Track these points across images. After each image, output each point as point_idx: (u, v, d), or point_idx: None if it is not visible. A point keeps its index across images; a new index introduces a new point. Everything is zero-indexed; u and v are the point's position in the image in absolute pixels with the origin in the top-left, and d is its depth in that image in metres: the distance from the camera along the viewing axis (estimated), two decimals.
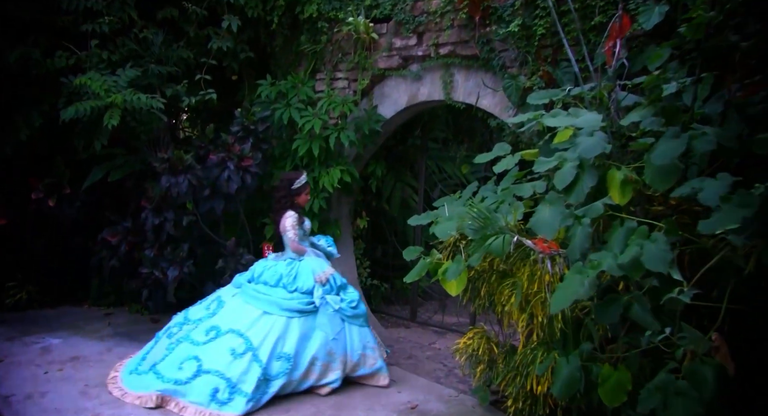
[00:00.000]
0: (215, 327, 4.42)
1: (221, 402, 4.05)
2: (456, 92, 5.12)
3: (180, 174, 5.18)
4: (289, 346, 4.33)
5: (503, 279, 3.56)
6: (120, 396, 4.28)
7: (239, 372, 4.14)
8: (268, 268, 4.67)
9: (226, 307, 4.58)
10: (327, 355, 4.43)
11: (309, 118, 5.53)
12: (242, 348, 4.23)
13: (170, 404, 4.12)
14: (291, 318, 4.41)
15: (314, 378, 4.40)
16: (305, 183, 4.81)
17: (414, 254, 4.17)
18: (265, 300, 4.47)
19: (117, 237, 5.57)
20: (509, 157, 3.98)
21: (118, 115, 4.85)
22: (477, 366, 3.95)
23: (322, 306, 4.50)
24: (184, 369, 4.22)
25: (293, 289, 4.52)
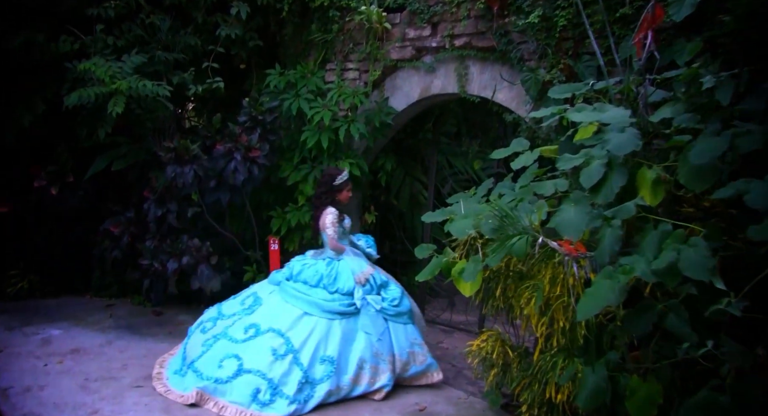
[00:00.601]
0: (255, 325, 4.29)
1: (262, 404, 3.92)
2: (471, 85, 4.92)
3: (186, 164, 4.99)
4: (332, 349, 4.18)
5: (521, 280, 3.37)
6: (163, 392, 4.17)
7: (281, 373, 4.01)
8: (307, 267, 4.52)
9: (265, 305, 4.44)
10: (374, 357, 4.26)
11: (318, 109, 5.34)
12: (283, 349, 4.11)
13: (209, 403, 3.99)
14: (332, 320, 4.27)
15: (366, 382, 4.22)
16: (347, 179, 4.66)
17: (426, 252, 4.00)
18: (305, 301, 4.33)
19: (119, 228, 5.40)
20: (528, 153, 3.79)
21: (122, 103, 4.67)
22: (490, 369, 3.77)
23: (364, 308, 4.34)
24: (224, 367, 4.09)
25: (334, 290, 4.37)
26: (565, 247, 2.70)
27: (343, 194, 4.65)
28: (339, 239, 4.59)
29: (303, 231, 5.69)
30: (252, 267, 5.84)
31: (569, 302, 2.94)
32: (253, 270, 5.83)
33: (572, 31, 4.19)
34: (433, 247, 3.95)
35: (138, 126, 5.38)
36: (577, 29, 4.15)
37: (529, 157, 3.75)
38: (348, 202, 4.76)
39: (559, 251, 2.73)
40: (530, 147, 3.79)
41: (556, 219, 2.90)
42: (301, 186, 5.55)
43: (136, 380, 4.38)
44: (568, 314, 2.96)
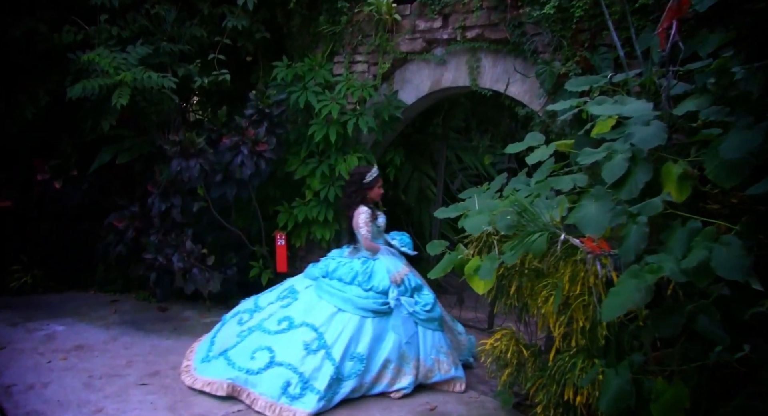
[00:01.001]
0: (288, 318, 4.27)
1: (292, 397, 3.87)
2: (482, 78, 4.80)
3: (191, 158, 4.89)
4: (363, 347, 4.12)
5: (538, 278, 3.26)
6: (190, 383, 4.13)
7: (312, 367, 3.96)
8: (342, 265, 4.45)
9: (300, 299, 4.41)
10: (400, 358, 4.18)
11: (326, 102, 5.23)
12: (316, 343, 4.07)
13: (242, 394, 3.96)
14: (365, 318, 4.20)
15: (386, 382, 4.15)
16: (377, 175, 4.57)
17: (438, 249, 3.89)
18: (339, 297, 4.28)
19: (124, 223, 5.30)
20: (543, 147, 3.68)
21: (127, 94, 4.56)
22: (504, 369, 3.67)
23: (396, 308, 4.25)
24: (256, 358, 4.07)
25: (368, 288, 4.29)
26: (588, 245, 2.59)
27: (374, 191, 4.56)
28: (374, 238, 4.52)
29: (310, 227, 5.59)
30: (258, 263, 5.74)
31: (590, 301, 2.84)
32: (260, 265, 5.73)
33: (589, 23, 4.07)
34: (445, 244, 3.85)
35: (142, 119, 5.28)
36: (593, 20, 4.03)
37: (544, 152, 3.64)
38: (379, 198, 4.66)
39: (581, 249, 2.61)
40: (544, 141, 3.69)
41: (577, 215, 2.79)
42: (309, 180, 5.45)
43: (140, 377, 4.28)
44: (588, 313, 2.86)
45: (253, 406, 3.88)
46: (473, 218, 3.47)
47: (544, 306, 3.14)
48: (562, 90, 4.21)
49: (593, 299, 2.78)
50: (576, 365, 2.93)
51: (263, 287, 5.77)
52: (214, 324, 5.34)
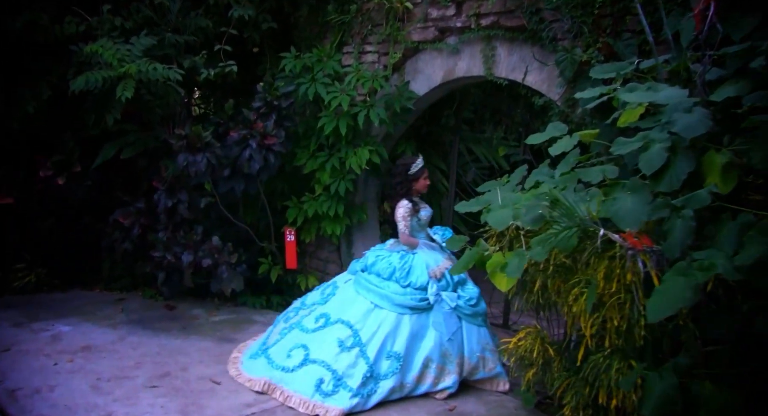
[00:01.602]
0: (325, 315, 4.19)
1: (325, 394, 3.79)
2: (498, 67, 4.61)
3: (198, 152, 4.71)
4: (399, 345, 3.97)
5: (567, 275, 3.09)
6: (234, 375, 4.15)
7: (345, 365, 3.87)
8: (381, 259, 4.29)
9: (338, 295, 4.32)
10: (442, 357, 4.02)
11: (336, 93, 5.04)
12: (350, 341, 3.97)
13: (276, 392, 3.92)
14: (402, 315, 4.05)
15: (430, 382, 4.00)
16: (422, 166, 4.40)
17: (458, 244, 3.74)
18: (376, 293, 4.13)
19: (129, 219, 5.12)
20: (566, 137, 3.51)
21: (132, 87, 4.37)
22: (528, 368, 3.50)
23: (437, 304, 4.10)
24: (292, 356, 4.03)
25: (406, 284, 4.13)
26: (630, 241, 2.41)
27: (420, 183, 4.41)
28: (415, 232, 4.38)
29: (320, 222, 5.41)
30: (267, 259, 5.57)
31: (626, 299, 2.67)
32: (268, 262, 5.57)
33: (611, 8, 3.87)
34: (465, 239, 3.69)
35: (147, 112, 5.09)
36: (616, 5, 3.83)
37: (568, 142, 3.48)
38: (426, 190, 4.51)
39: (622, 245, 2.44)
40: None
41: (611, 208, 2.63)
42: (318, 174, 5.27)
43: (150, 379, 4.12)
44: (624, 312, 2.69)
45: (286, 403, 3.82)
46: (497, 212, 3.30)
47: (575, 304, 2.97)
48: (583, 78, 4.03)
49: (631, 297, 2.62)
50: (611, 366, 2.76)
51: (272, 284, 5.64)
52: (223, 323, 5.23)
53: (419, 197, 4.50)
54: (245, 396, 3.95)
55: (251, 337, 4.92)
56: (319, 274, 5.77)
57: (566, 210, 2.59)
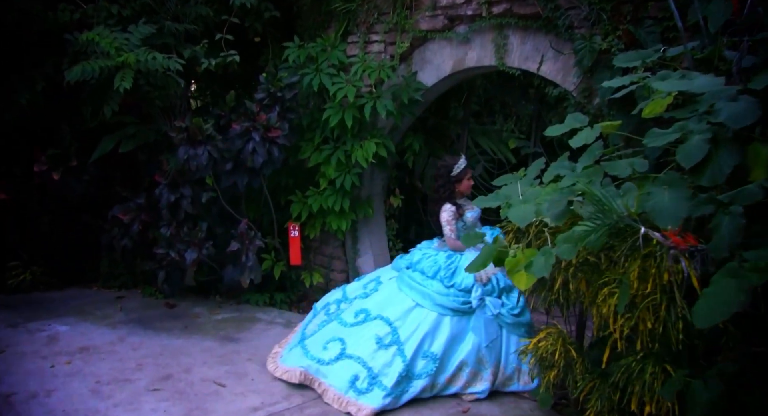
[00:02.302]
0: (365, 311, 4.08)
1: (359, 391, 3.70)
2: (510, 57, 4.41)
3: (199, 145, 4.50)
4: (437, 346, 3.84)
5: (594, 273, 2.91)
6: (272, 370, 4.08)
7: (382, 363, 3.76)
8: (426, 257, 4.15)
9: (381, 291, 4.19)
10: (477, 363, 3.87)
11: (342, 84, 4.83)
12: (388, 338, 3.86)
13: (314, 383, 3.86)
14: (443, 316, 3.92)
15: (460, 385, 3.86)
16: (465, 167, 4.22)
17: (475, 241, 3.55)
18: (418, 291, 4.00)
19: (129, 215, 4.91)
20: (587, 129, 3.32)
21: (130, 77, 4.15)
22: (549, 370, 3.32)
23: (480, 308, 3.93)
24: (328, 349, 3.94)
25: (450, 285, 3.97)
26: (672, 239, 2.23)
27: (464, 184, 4.23)
28: (463, 234, 4.15)
29: (325, 217, 5.22)
30: (270, 255, 5.37)
31: (661, 301, 2.48)
32: (272, 258, 5.37)
33: None
34: (482, 235, 3.49)
35: (147, 104, 4.87)
36: None
37: (589, 134, 3.28)
38: (470, 191, 4.32)
39: (663, 243, 2.25)
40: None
41: (647, 204, 2.44)
42: (323, 168, 5.07)
43: (152, 382, 3.93)
44: (660, 314, 2.50)
45: (323, 397, 3.76)
46: (518, 208, 3.10)
47: (603, 304, 2.79)
48: (601, 67, 3.86)
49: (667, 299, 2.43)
50: (645, 371, 2.58)
51: (275, 280, 5.44)
52: (226, 321, 5.03)
53: (465, 198, 4.31)
54: (251, 400, 3.77)
55: (256, 336, 4.75)
56: (324, 271, 5.58)
57: (601, 205, 2.39)
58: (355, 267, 5.43)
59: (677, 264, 2.24)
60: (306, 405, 3.75)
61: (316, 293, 5.60)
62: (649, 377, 2.56)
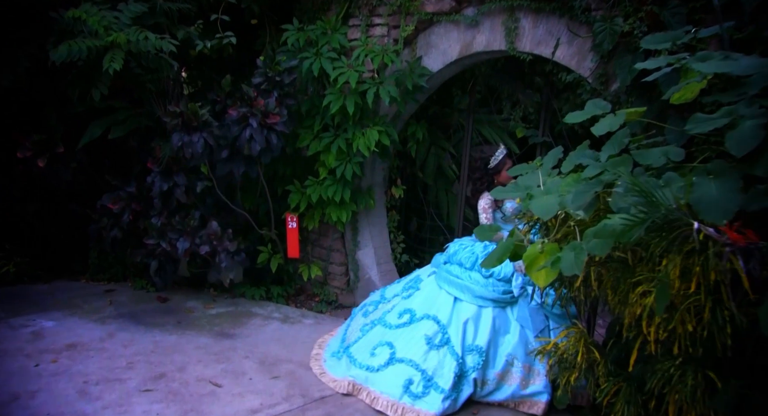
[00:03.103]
0: (410, 311, 3.88)
1: (415, 396, 3.46)
2: (521, 41, 4.14)
3: (194, 131, 4.20)
4: (481, 338, 3.63)
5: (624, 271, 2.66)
6: (318, 374, 3.88)
7: (435, 364, 3.56)
8: (463, 248, 3.95)
9: (422, 289, 4.00)
10: (527, 355, 3.60)
11: (343, 69, 4.54)
12: (438, 338, 3.66)
13: (362, 393, 3.62)
14: (483, 308, 3.71)
15: (516, 383, 3.57)
16: (504, 157, 4.00)
17: (489, 235, 3.29)
18: (456, 285, 3.81)
19: (119, 204, 4.60)
20: (610, 116, 3.07)
21: (121, 58, 3.83)
22: (569, 372, 3.08)
23: (523, 298, 3.72)
24: (377, 355, 3.73)
25: (488, 274, 3.76)
26: (729, 235, 1.97)
27: (503, 176, 3.99)
28: (503, 224, 3.96)
29: (324, 208, 4.94)
30: (267, 248, 5.09)
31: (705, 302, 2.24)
32: (268, 250, 5.09)
33: None
34: (498, 228, 3.25)
35: (138, 88, 4.54)
36: None
37: (613, 121, 3.03)
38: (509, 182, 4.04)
39: (718, 240, 2.00)
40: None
41: (693, 197, 2.19)
42: (323, 157, 4.78)
43: (144, 381, 3.65)
44: (703, 317, 2.26)
45: (373, 405, 3.52)
46: (540, 199, 2.84)
47: (636, 305, 2.54)
48: (621, 51, 3.60)
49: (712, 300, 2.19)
50: (685, 378, 2.34)
51: (272, 274, 5.17)
52: (221, 316, 4.75)
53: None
54: (250, 401, 3.50)
55: (253, 332, 4.48)
56: (323, 263, 5.31)
57: (648, 197, 2.14)
58: (355, 260, 5.16)
59: (731, 263, 1.99)
60: (308, 407, 3.49)
61: (314, 287, 5.34)
62: (690, 385, 2.32)
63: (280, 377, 3.85)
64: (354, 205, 4.92)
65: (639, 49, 3.44)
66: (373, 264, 5.12)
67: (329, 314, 5.06)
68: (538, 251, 2.90)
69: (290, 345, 4.31)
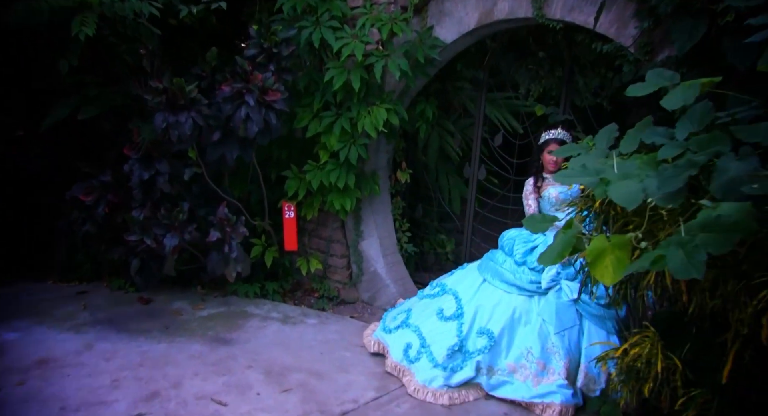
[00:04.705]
0: (442, 285, 3.79)
1: (410, 360, 3.45)
2: (550, 7, 3.60)
3: (182, 110, 3.54)
4: (495, 323, 3.37)
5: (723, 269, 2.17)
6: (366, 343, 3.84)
7: (435, 333, 3.48)
8: (509, 236, 3.68)
9: (465, 269, 3.86)
10: (545, 351, 3.25)
11: (347, 40, 3.93)
12: (450, 311, 3.54)
13: (385, 351, 3.65)
14: (508, 294, 3.45)
15: (528, 379, 3.22)
16: (547, 138, 3.64)
17: (541, 226, 2.79)
18: (490, 269, 3.60)
19: (93, 196, 3.91)
20: (682, 86, 2.58)
21: (93, 22, 3.12)
22: (642, 383, 2.59)
23: (555, 291, 3.35)
24: (396, 319, 3.79)
25: (522, 261, 3.49)
26: None
27: (545, 157, 3.64)
28: (554, 212, 3.59)
29: (325, 195, 4.34)
30: (260, 240, 4.48)
31: None
32: (262, 243, 4.48)
33: None
34: (552, 219, 2.73)
35: (113, 60, 3.81)
36: None
37: (687, 93, 2.54)
38: (553, 166, 3.62)
39: None
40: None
41: None
42: (324, 138, 4.18)
43: (134, 403, 3.03)
44: None
45: (385, 367, 3.55)
46: (620, 185, 2.33)
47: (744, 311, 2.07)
48: (680, 15, 3.10)
49: None
50: None
51: (267, 269, 4.56)
52: (214, 318, 4.16)
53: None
54: None
55: (252, 336, 3.90)
56: (322, 256, 4.71)
57: None
58: (358, 251, 4.59)
59: None
60: None
61: (313, 281, 4.75)
62: None
63: (292, 390, 3.27)
64: (359, 191, 4.34)
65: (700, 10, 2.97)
66: (379, 255, 4.56)
67: (332, 311, 4.50)
68: (604, 245, 2.42)
69: (296, 351, 3.74)
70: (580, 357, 3.22)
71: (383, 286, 4.55)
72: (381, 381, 3.45)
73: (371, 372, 3.55)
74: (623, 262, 2.33)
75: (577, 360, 3.22)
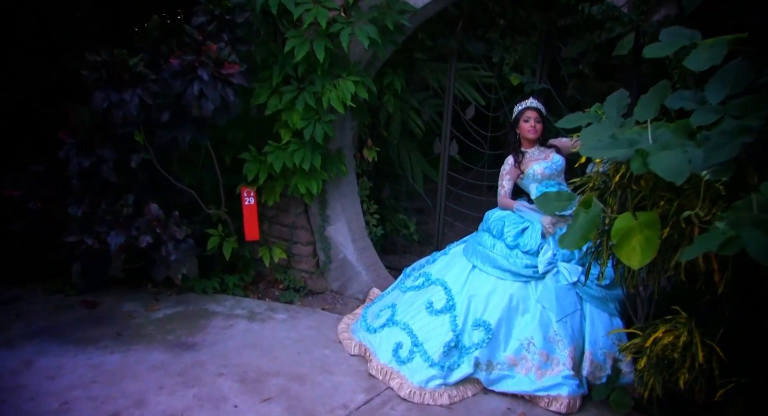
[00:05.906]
0: (426, 274, 3.46)
1: (400, 361, 3.10)
2: None
3: (126, 87, 3.00)
4: (491, 314, 3.08)
5: None
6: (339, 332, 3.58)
7: (428, 329, 3.15)
8: (499, 216, 3.34)
9: (448, 254, 3.52)
10: (547, 341, 2.98)
11: (308, 5, 3.47)
12: (441, 304, 3.21)
13: (367, 354, 3.28)
14: (501, 280, 3.15)
15: (531, 371, 2.96)
16: (522, 108, 3.33)
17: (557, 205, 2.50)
18: (479, 254, 3.27)
19: (22, 189, 3.29)
20: (704, 45, 2.35)
21: None
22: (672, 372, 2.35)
23: (552, 275, 3.07)
24: (380, 316, 3.42)
25: (514, 245, 3.17)
26: None
27: (522, 127, 3.32)
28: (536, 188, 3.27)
29: (288, 179, 3.90)
30: (217, 230, 3.99)
31: None
32: (219, 233, 3.99)
33: None
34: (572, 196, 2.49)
35: (38, 28, 3.18)
36: None
37: (714, 53, 2.29)
38: (533, 135, 3.31)
39: None
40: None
41: None
42: (285, 116, 3.74)
43: None
44: None
45: (369, 370, 3.17)
46: (660, 157, 2.04)
47: None
48: None
49: None
50: None
51: (226, 261, 4.08)
52: (172, 319, 3.69)
53: (540, 145, 3.35)
54: None
55: (218, 338, 3.45)
56: (285, 244, 4.27)
57: None
58: (324, 237, 4.18)
59: None
60: None
61: (276, 272, 4.30)
62: None
63: (273, 398, 2.88)
64: (325, 173, 3.92)
65: None
66: (348, 241, 4.18)
67: (300, 303, 4.09)
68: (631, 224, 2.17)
69: (270, 351, 3.33)
70: (584, 344, 2.97)
71: (354, 274, 4.18)
72: (369, 381, 3.11)
73: (356, 371, 3.20)
74: (652, 243, 2.08)
75: (581, 347, 2.97)
